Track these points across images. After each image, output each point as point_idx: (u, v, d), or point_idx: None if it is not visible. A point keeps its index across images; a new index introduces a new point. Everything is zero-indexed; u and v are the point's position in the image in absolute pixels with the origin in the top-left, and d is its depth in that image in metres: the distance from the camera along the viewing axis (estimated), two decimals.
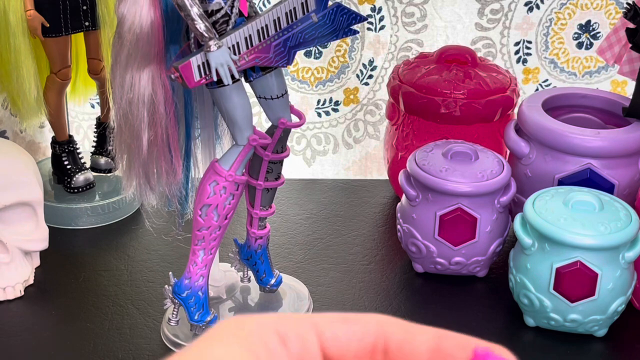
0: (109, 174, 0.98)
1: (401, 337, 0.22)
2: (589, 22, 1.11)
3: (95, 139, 0.98)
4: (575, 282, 0.71)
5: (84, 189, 0.94)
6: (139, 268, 0.85)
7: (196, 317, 0.70)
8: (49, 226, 0.82)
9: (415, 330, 0.22)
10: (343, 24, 0.69)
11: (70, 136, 0.95)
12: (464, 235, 0.80)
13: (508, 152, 0.91)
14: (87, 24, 0.89)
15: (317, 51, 1.09)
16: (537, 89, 1.13)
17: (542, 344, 0.75)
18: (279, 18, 0.66)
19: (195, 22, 0.63)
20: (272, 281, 0.78)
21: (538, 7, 1.09)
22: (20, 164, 0.78)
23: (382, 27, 1.09)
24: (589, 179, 0.81)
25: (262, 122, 1.06)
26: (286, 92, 0.71)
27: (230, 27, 0.66)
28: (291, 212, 0.96)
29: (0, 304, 0.78)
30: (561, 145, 0.82)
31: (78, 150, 0.96)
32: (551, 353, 0.74)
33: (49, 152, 0.98)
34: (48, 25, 0.86)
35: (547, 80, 1.14)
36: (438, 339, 0.22)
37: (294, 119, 0.72)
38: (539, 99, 0.89)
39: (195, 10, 0.63)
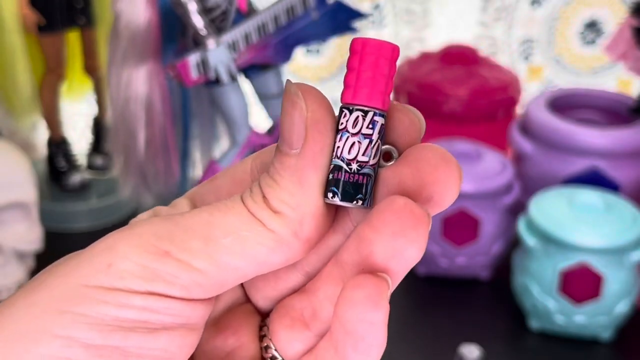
0: (105, 174, 0.97)
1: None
2: (594, 19, 1.10)
3: (92, 138, 0.97)
4: (580, 283, 0.70)
5: (79, 189, 0.93)
6: None
7: None
8: (44, 227, 0.80)
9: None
10: (343, 21, 0.68)
11: (65, 137, 0.94)
12: (467, 236, 0.78)
13: (511, 151, 0.90)
14: (82, 21, 0.88)
15: (317, 49, 1.07)
16: (541, 88, 1.12)
17: (547, 348, 0.74)
18: (278, 15, 0.65)
19: (194, 19, 0.62)
20: None
21: (541, 4, 1.08)
22: (14, 164, 0.76)
23: (384, 25, 1.07)
24: (594, 179, 0.80)
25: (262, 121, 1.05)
26: None
27: (228, 24, 0.64)
28: None
29: None
30: (566, 144, 0.81)
31: (73, 150, 0.95)
32: (556, 358, 0.73)
33: (44, 152, 0.97)
34: (44, 22, 0.84)
35: (551, 78, 1.12)
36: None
37: None
38: (543, 98, 0.88)
39: (193, 7, 0.62)
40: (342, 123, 0.20)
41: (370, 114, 0.20)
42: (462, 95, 0.90)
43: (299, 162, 0.20)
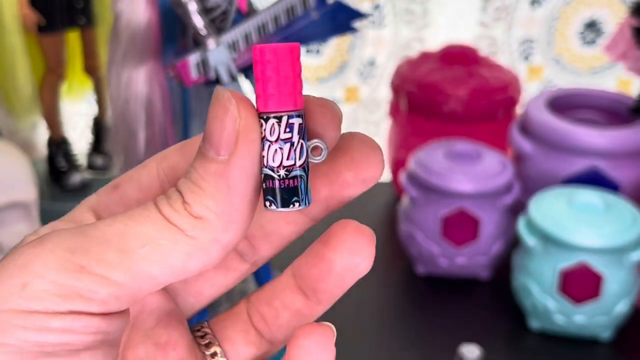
0: (105, 174, 0.97)
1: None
2: (593, 19, 1.10)
3: (92, 138, 0.97)
4: (580, 283, 0.70)
5: (79, 188, 0.93)
6: None
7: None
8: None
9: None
10: (343, 21, 0.68)
11: (65, 137, 0.94)
12: (467, 236, 0.79)
13: (511, 151, 0.90)
14: (82, 21, 0.88)
15: (317, 49, 1.07)
16: (540, 88, 1.12)
17: (546, 348, 0.74)
18: (278, 15, 0.65)
19: (193, 19, 0.62)
20: None
21: (541, 4, 1.08)
22: (14, 164, 0.76)
23: (384, 25, 1.07)
24: (593, 179, 0.80)
25: None
26: None
27: (228, 24, 0.64)
28: None
29: None
30: (566, 144, 0.81)
31: (73, 150, 0.95)
32: (555, 357, 0.73)
33: (44, 152, 0.97)
34: (44, 22, 0.84)
35: (550, 78, 1.12)
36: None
37: None
38: (543, 98, 0.88)
39: (193, 7, 0.62)
40: (261, 132, 0.21)
41: (284, 118, 0.20)
42: (462, 95, 0.90)
43: (227, 169, 0.20)
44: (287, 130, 0.20)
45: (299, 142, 0.21)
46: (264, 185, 0.21)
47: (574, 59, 1.11)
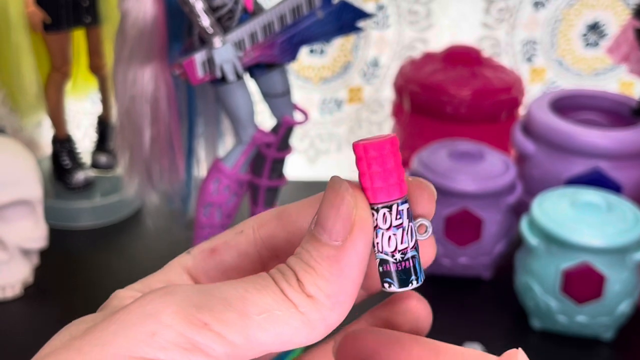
0: (109, 172, 0.97)
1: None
2: (596, 21, 1.10)
3: (96, 137, 0.98)
4: (582, 283, 0.70)
5: (84, 187, 0.93)
6: (139, 268, 0.84)
7: None
8: (48, 225, 0.81)
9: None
10: (348, 21, 0.68)
11: (70, 135, 0.95)
12: (469, 236, 0.79)
13: (514, 152, 0.90)
14: (88, 19, 0.88)
15: (321, 49, 1.08)
16: (543, 89, 1.12)
17: (548, 347, 0.74)
18: (284, 14, 0.66)
19: (200, 18, 0.62)
20: None
21: (545, 5, 1.08)
22: (20, 162, 0.77)
23: (387, 25, 1.08)
24: (596, 180, 0.81)
25: (266, 120, 1.05)
26: (290, 89, 0.70)
27: (234, 23, 0.65)
28: None
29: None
30: (568, 145, 0.81)
31: (78, 149, 0.95)
32: (557, 357, 0.73)
33: (49, 150, 0.97)
34: (49, 21, 0.85)
35: (553, 80, 1.13)
36: None
37: (299, 116, 0.71)
38: (546, 99, 0.88)
39: (199, 6, 0.62)
40: (373, 222, 0.22)
41: (394, 207, 0.22)
42: (465, 96, 0.90)
43: (340, 255, 0.21)
44: (398, 217, 0.22)
45: (409, 225, 0.22)
46: (380, 268, 0.22)
47: (577, 60, 1.11)
